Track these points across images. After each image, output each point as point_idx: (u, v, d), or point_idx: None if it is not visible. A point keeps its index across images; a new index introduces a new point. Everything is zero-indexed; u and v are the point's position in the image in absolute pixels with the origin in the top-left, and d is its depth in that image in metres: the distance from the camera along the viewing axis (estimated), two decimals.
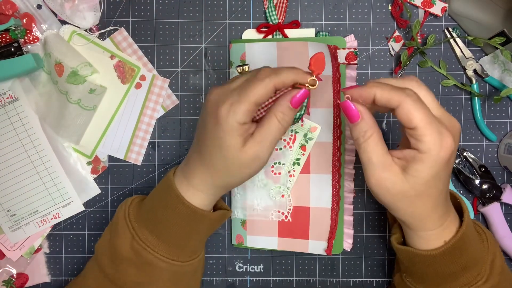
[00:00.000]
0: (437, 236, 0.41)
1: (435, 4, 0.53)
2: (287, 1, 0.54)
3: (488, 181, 0.55)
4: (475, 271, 0.42)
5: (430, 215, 0.40)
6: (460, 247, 0.41)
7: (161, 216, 0.44)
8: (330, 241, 0.54)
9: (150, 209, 0.45)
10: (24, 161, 0.54)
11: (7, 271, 0.56)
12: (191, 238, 0.45)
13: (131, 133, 0.55)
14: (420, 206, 0.39)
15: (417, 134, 0.37)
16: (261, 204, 0.54)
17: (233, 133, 0.39)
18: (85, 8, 0.53)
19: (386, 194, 0.39)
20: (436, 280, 0.43)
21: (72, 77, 0.51)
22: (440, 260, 0.41)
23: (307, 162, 0.54)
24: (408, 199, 0.39)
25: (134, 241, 0.44)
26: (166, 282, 0.45)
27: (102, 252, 0.46)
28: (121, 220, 0.45)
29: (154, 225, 0.44)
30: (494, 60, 0.54)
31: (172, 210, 0.43)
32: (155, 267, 0.44)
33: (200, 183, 0.43)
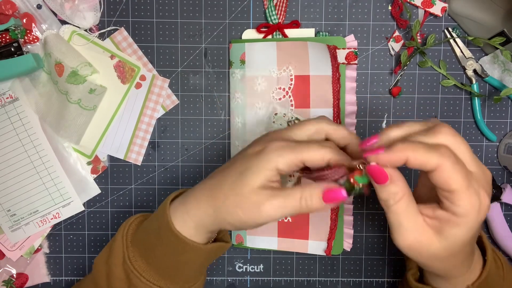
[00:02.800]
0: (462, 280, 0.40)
1: (435, 4, 0.53)
2: (287, 1, 0.54)
3: None
4: None
5: (459, 268, 0.39)
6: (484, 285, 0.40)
7: (152, 242, 0.42)
8: (330, 242, 0.54)
9: (145, 232, 0.43)
10: (24, 161, 0.54)
11: (7, 271, 0.56)
12: (183, 268, 0.42)
13: (131, 133, 0.55)
14: (452, 263, 0.38)
15: (454, 198, 0.33)
16: None
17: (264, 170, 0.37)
18: (85, 8, 0.53)
19: (419, 256, 0.36)
20: None
21: (72, 77, 0.51)
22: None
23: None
24: (441, 259, 0.37)
25: (125, 263, 0.42)
26: None
27: (98, 269, 0.45)
28: (119, 239, 0.44)
29: (146, 249, 0.42)
30: (494, 60, 0.54)
31: (162, 238, 0.41)
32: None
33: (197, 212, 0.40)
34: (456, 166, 0.33)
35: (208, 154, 0.56)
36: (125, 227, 0.44)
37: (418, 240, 0.35)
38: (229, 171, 0.40)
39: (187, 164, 0.56)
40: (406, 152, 0.32)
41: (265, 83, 0.53)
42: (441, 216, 0.35)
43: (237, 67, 0.53)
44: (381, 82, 0.55)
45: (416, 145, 0.33)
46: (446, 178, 0.33)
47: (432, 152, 0.32)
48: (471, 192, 0.33)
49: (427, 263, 0.37)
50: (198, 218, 0.40)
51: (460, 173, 0.33)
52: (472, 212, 0.34)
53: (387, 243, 0.57)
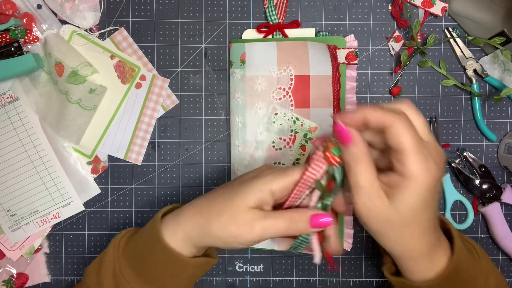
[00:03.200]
0: (430, 267, 0.40)
1: (435, 4, 0.53)
2: (287, 1, 0.54)
3: (488, 181, 0.55)
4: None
5: (419, 247, 0.39)
6: (454, 275, 0.41)
7: (143, 252, 0.43)
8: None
9: (136, 243, 0.44)
10: (24, 161, 0.54)
11: (7, 271, 0.56)
12: (171, 281, 0.43)
13: (131, 133, 0.55)
14: (408, 236, 0.38)
15: (403, 158, 0.36)
16: None
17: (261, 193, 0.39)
18: (85, 8, 0.53)
19: (372, 220, 0.38)
20: None
21: (72, 77, 0.51)
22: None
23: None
24: (394, 228, 0.38)
25: (115, 273, 0.43)
26: None
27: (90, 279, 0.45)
28: (110, 250, 0.44)
29: (136, 260, 0.43)
30: (494, 60, 0.54)
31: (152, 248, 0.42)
32: None
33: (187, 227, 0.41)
34: (408, 128, 0.36)
35: (208, 154, 0.56)
36: (117, 239, 0.45)
37: (372, 201, 0.37)
38: (224, 191, 0.42)
39: (187, 164, 0.56)
40: (366, 111, 0.37)
41: (265, 83, 0.53)
42: (393, 180, 0.37)
43: (237, 67, 0.53)
44: (381, 82, 0.55)
45: (376, 107, 0.37)
46: (398, 136, 0.35)
47: (388, 113, 0.36)
48: (420, 156, 0.35)
49: (382, 232, 0.38)
50: (188, 231, 0.41)
51: (411, 134, 0.35)
52: (420, 175, 0.35)
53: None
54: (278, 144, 0.53)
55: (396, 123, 0.36)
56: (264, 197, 0.40)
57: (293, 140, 0.53)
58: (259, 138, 0.53)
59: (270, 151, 0.54)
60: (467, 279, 0.42)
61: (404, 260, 0.41)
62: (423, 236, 0.39)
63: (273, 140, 0.53)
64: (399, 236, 0.38)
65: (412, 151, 0.35)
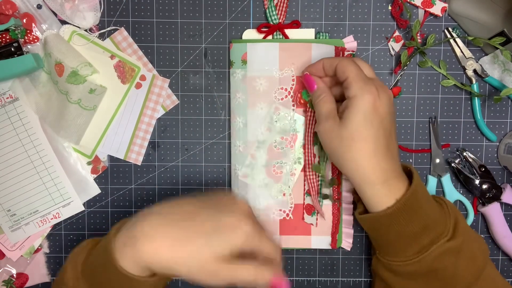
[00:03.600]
0: (388, 194, 0.44)
1: (435, 4, 0.53)
2: (287, 0, 0.54)
3: (488, 181, 0.55)
4: (437, 231, 0.45)
5: (369, 164, 0.44)
6: (413, 205, 0.44)
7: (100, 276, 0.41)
8: (334, 236, 0.54)
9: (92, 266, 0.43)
10: (24, 161, 0.54)
11: (7, 271, 0.56)
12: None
13: (131, 133, 0.55)
14: (358, 151, 0.44)
15: (347, 83, 0.45)
16: (262, 203, 0.54)
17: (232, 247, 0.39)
18: (85, 8, 0.53)
19: (328, 139, 0.46)
20: (401, 242, 0.45)
21: (72, 77, 0.51)
22: (397, 219, 0.44)
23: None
24: (345, 143, 0.44)
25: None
26: None
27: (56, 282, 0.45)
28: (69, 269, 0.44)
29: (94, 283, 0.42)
30: (494, 60, 0.54)
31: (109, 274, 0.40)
32: None
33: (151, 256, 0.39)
34: (351, 62, 0.46)
35: (208, 154, 0.56)
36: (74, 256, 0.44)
37: (329, 123, 0.46)
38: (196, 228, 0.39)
39: (187, 164, 0.56)
40: (322, 60, 0.48)
41: (267, 83, 0.53)
42: (344, 105, 0.46)
43: (238, 67, 0.53)
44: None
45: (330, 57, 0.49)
46: (343, 68, 0.45)
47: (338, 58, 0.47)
48: (361, 80, 0.44)
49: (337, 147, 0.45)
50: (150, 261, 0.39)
51: (353, 65, 0.45)
52: (359, 93, 0.44)
53: None
54: (279, 144, 0.54)
55: (341, 60, 0.46)
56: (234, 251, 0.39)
57: (295, 139, 0.54)
58: (261, 138, 0.53)
59: (272, 151, 0.54)
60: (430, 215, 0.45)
61: (364, 187, 0.45)
62: (374, 157, 0.44)
63: (274, 139, 0.53)
64: (351, 151, 0.44)
65: (354, 77, 0.45)
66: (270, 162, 0.54)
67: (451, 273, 0.45)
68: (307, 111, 0.53)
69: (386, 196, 0.44)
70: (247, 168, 0.54)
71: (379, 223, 0.45)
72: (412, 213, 0.44)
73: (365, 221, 0.47)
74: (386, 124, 0.45)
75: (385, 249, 0.48)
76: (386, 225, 0.45)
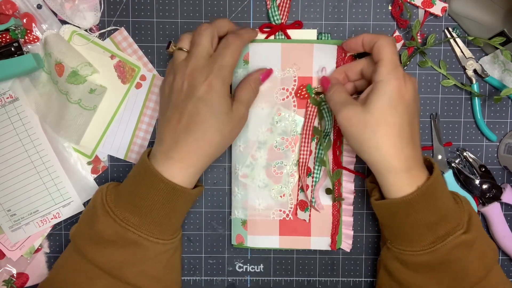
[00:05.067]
0: (409, 182, 0.44)
1: (435, 4, 0.53)
2: (290, 1, 0.54)
3: (488, 181, 0.55)
4: (453, 223, 0.45)
5: (394, 150, 0.44)
6: (433, 193, 0.44)
7: (142, 196, 0.45)
8: (334, 237, 0.54)
9: (129, 192, 0.46)
10: (24, 161, 0.54)
11: (7, 271, 0.56)
12: (172, 215, 0.46)
13: (132, 133, 0.55)
14: (383, 136, 0.44)
15: (378, 65, 0.45)
16: (262, 204, 0.54)
17: (226, 95, 0.45)
18: (85, 8, 0.53)
19: (350, 125, 0.45)
20: (418, 232, 0.45)
21: (72, 77, 0.51)
22: (416, 206, 0.44)
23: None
24: (370, 128, 0.44)
25: (117, 224, 0.45)
26: (150, 261, 0.46)
27: (82, 241, 0.46)
28: (100, 207, 0.46)
29: (136, 206, 0.45)
30: (494, 60, 0.54)
31: (153, 189, 0.44)
32: (139, 246, 0.45)
33: (187, 156, 0.45)
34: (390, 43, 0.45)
35: None
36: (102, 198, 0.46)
37: (349, 109, 0.45)
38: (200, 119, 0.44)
39: None
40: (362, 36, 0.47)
41: (268, 83, 0.53)
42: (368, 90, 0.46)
43: (240, 67, 0.53)
44: None
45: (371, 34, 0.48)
46: (380, 47, 0.45)
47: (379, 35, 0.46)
48: (392, 64, 0.44)
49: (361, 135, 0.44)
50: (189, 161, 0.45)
51: (390, 49, 0.45)
52: (387, 78, 0.44)
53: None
54: (280, 144, 0.54)
55: (381, 38, 0.46)
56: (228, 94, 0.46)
57: (295, 141, 0.54)
58: (262, 138, 0.53)
59: (272, 151, 0.54)
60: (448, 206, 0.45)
61: (386, 174, 0.45)
62: (399, 143, 0.44)
63: (275, 140, 0.53)
64: (375, 137, 0.44)
65: (387, 60, 0.44)
66: (270, 163, 0.54)
67: (462, 266, 0.45)
68: (308, 105, 0.53)
69: (408, 184, 0.44)
70: (247, 168, 0.54)
71: (397, 210, 0.45)
72: (432, 202, 0.44)
73: (382, 207, 0.47)
74: (411, 111, 0.45)
75: (399, 238, 0.47)
76: (404, 213, 0.45)
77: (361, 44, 0.48)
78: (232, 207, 0.56)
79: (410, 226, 0.45)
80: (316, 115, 0.53)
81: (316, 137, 0.53)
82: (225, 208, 0.56)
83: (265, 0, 0.54)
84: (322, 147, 0.52)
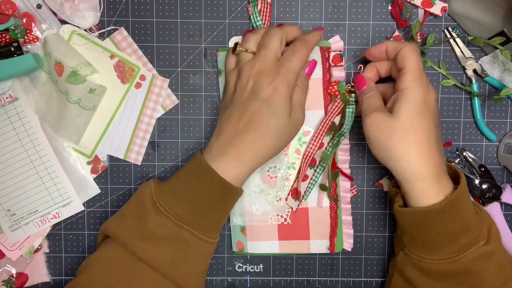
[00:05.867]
0: (437, 191, 0.44)
1: (435, 4, 0.53)
2: (270, 5, 0.54)
3: (488, 181, 0.55)
4: (475, 233, 0.45)
5: (424, 157, 0.44)
6: (461, 203, 0.44)
7: (196, 194, 0.44)
8: (332, 239, 0.54)
9: (181, 190, 0.45)
10: (24, 161, 0.54)
11: (7, 271, 0.56)
12: (222, 215, 0.47)
13: (131, 132, 0.55)
14: (412, 143, 0.44)
15: (402, 73, 0.45)
16: (259, 209, 0.54)
17: (289, 100, 0.46)
18: (85, 8, 0.53)
19: (377, 130, 0.45)
20: (439, 241, 0.44)
21: (72, 77, 0.51)
22: (443, 216, 0.43)
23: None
24: (398, 135, 0.44)
25: (171, 222, 0.44)
26: (197, 259, 0.46)
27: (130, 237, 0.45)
28: (150, 204, 0.45)
29: (190, 204, 0.45)
30: (494, 60, 0.54)
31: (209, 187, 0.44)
32: (190, 244, 0.45)
33: (243, 155, 0.45)
34: (414, 51, 0.46)
35: None
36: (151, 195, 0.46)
37: (378, 115, 0.45)
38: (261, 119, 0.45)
39: None
40: (386, 43, 0.48)
41: None
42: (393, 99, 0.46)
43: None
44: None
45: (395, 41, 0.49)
46: (404, 54, 0.46)
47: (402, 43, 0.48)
48: (418, 72, 0.45)
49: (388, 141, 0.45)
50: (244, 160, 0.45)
51: (415, 56, 0.45)
52: (414, 85, 0.44)
53: (387, 243, 0.57)
54: None
55: (406, 46, 0.46)
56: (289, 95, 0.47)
57: (288, 145, 0.53)
58: None
59: None
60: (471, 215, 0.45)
61: (414, 181, 0.44)
62: (428, 150, 0.44)
63: None
64: (403, 143, 0.44)
65: (412, 69, 0.45)
66: (264, 168, 0.54)
67: (481, 277, 0.45)
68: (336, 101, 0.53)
69: (436, 193, 0.44)
70: None
71: (422, 218, 0.44)
72: (457, 212, 0.44)
73: (407, 215, 0.46)
74: (436, 118, 0.46)
75: (420, 246, 0.46)
76: (430, 222, 0.44)
77: (385, 51, 0.48)
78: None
79: (434, 235, 0.44)
80: (339, 113, 0.53)
81: (332, 133, 0.53)
82: None
83: (247, 7, 0.54)
84: (333, 144, 0.52)
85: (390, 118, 0.44)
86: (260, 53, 0.47)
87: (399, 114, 0.44)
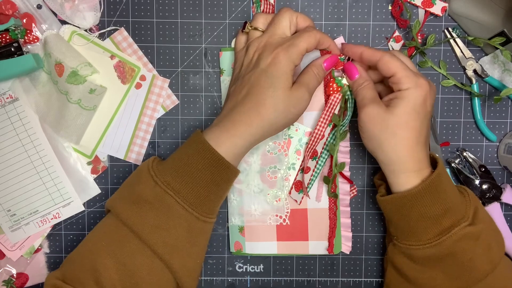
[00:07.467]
0: (416, 177, 0.45)
1: (435, 4, 0.53)
2: (273, 6, 0.54)
3: (488, 181, 0.55)
4: (458, 215, 0.46)
5: (410, 153, 0.45)
6: (438, 186, 0.45)
7: (185, 162, 0.45)
8: (331, 240, 0.54)
9: (173, 159, 0.46)
10: (24, 161, 0.54)
11: (7, 271, 0.56)
12: (212, 190, 0.45)
13: (131, 133, 0.55)
14: (402, 139, 0.45)
15: (396, 78, 0.46)
16: (258, 209, 0.54)
17: (288, 72, 0.45)
18: (85, 8, 0.53)
19: (372, 123, 0.46)
20: (423, 225, 0.45)
21: (72, 77, 0.51)
22: (421, 199, 0.45)
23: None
24: (391, 130, 0.45)
25: (157, 186, 0.44)
26: (182, 231, 0.45)
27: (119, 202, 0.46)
28: (145, 171, 0.46)
29: (178, 171, 0.45)
30: (494, 60, 0.54)
31: (197, 156, 0.44)
32: (174, 212, 0.44)
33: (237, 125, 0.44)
34: (394, 57, 0.46)
35: None
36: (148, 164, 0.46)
37: (373, 108, 0.46)
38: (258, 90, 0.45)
39: None
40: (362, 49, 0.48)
41: None
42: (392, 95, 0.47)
43: (228, 74, 0.54)
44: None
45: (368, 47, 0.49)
46: (387, 63, 0.46)
47: (379, 50, 0.47)
48: (408, 72, 0.45)
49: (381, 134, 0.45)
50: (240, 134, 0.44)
51: (397, 60, 0.46)
52: (412, 86, 0.45)
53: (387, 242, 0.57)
54: (272, 149, 0.53)
55: (383, 56, 0.46)
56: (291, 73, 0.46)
57: (288, 144, 0.53)
58: None
59: (265, 156, 0.54)
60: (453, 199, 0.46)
61: (398, 173, 0.46)
62: (415, 144, 0.45)
63: (267, 144, 0.53)
64: (395, 138, 0.45)
65: (402, 71, 0.45)
66: (264, 168, 0.54)
67: (469, 259, 0.45)
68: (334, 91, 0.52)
69: (414, 178, 0.46)
70: (242, 174, 0.54)
71: (402, 203, 0.46)
72: (436, 195, 0.45)
73: (387, 202, 0.47)
74: (428, 117, 0.47)
75: (405, 233, 0.47)
76: (409, 206, 0.45)
77: (359, 56, 0.48)
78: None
79: (416, 219, 0.45)
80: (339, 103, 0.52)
81: (333, 124, 0.52)
82: (224, 208, 0.56)
83: (250, 7, 0.54)
84: (336, 136, 0.52)
85: (386, 113, 0.45)
86: (268, 29, 0.48)
87: (396, 111, 0.45)
